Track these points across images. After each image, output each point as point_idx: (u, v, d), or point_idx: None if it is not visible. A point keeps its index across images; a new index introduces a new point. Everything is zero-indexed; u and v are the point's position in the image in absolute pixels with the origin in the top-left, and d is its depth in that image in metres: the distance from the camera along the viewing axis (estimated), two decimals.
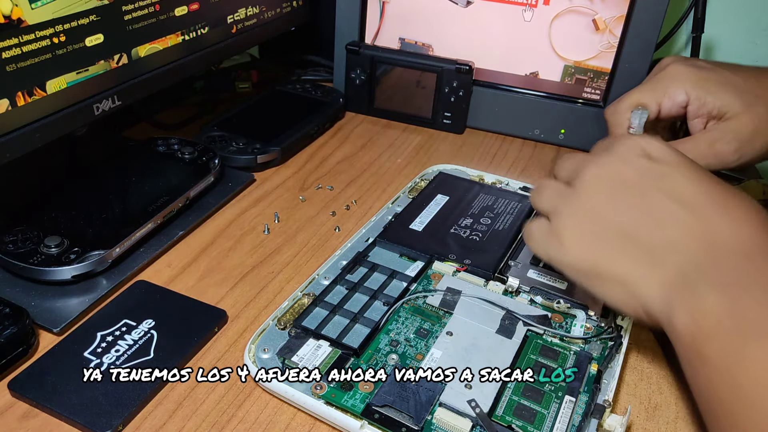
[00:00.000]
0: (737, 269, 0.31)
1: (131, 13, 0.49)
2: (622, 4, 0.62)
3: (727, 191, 0.34)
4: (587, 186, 0.37)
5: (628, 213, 0.35)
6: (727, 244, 0.32)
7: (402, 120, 0.73)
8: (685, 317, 0.31)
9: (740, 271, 0.31)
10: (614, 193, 0.36)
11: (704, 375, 0.30)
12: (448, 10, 0.68)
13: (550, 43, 0.66)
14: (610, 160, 0.37)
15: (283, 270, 0.48)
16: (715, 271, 0.31)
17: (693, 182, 0.35)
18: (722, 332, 0.29)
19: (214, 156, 0.57)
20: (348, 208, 0.56)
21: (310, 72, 0.83)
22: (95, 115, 0.47)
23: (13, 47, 0.40)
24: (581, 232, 0.36)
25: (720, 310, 0.30)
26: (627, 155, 0.37)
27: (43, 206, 0.49)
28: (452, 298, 0.42)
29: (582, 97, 0.67)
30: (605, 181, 0.36)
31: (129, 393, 0.36)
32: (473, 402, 0.34)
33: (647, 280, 0.34)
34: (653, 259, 0.34)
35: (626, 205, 0.35)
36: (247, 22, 0.63)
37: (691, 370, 0.31)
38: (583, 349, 0.39)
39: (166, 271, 0.47)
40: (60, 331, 0.41)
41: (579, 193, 0.37)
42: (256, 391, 0.38)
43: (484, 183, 0.58)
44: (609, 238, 0.35)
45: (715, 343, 0.29)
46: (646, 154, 0.36)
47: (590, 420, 0.34)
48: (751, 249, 0.32)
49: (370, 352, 0.38)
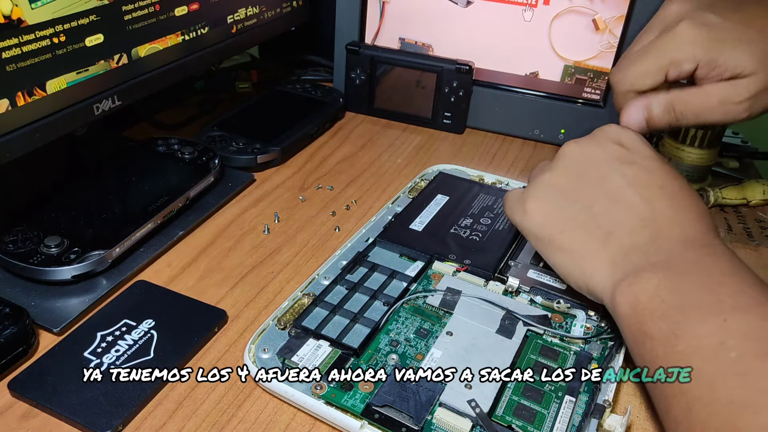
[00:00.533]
0: (675, 254, 0.34)
1: (131, 13, 0.49)
2: (622, 4, 0.62)
3: (681, 188, 0.37)
4: (560, 161, 0.41)
5: (588, 190, 0.39)
6: (669, 232, 0.35)
7: (402, 120, 0.73)
8: (628, 296, 0.34)
9: (677, 256, 0.34)
10: (581, 171, 0.39)
11: (649, 349, 0.32)
12: (448, 10, 0.68)
13: (550, 43, 0.66)
14: (586, 142, 0.41)
15: (283, 270, 0.48)
16: (656, 254, 0.35)
17: (653, 174, 0.38)
18: (663, 310, 0.32)
19: (214, 156, 0.57)
20: (348, 208, 0.56)
21: (310, 72, 0.83)
22: (95, 115, 0.47)
23: (13, 47, 0.40)
24: (543, 202, 0.40)
25: (661, 290, 0.33)
26: (602, 140, 0.40)
27: (43, 206, 0.49)
28: (452, 298, 0.42)
29: (582, 97, 0.67)
30: (576, 160, 0.40)
31: (129, 393, 0.36)
32: (473, 402, 0.34)
33: (596, 257, 0.37)
34: (605, 238, 0.37)
35: (588, 183, 0.39)
36: (247, 22, 0.63)
37: (636, 345, 0.34)
38: (583, 349, 0.39)
39: (166, 271, 0.47)
40: (60, 331, 0.41)
41: (552, 168, 0.41)
42: (256, 391, 0.38)
43: (484, 183, 0.58)
44: (568, 211, 0.39)
45: (657, 320, 0.32)
46: (620, 142, 0.40)
47: (590, 420, 0.34)
48: (689, 239, 0.35)
49: (370, 352, 0.38)
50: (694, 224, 0.35)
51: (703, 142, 0.55)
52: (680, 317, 0.31)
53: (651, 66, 0.43)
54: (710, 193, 0.57)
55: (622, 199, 0.37)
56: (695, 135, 0.55)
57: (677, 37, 0.42)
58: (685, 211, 0.36)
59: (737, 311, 0.30)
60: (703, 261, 0.33)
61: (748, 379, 0.28)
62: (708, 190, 0.58)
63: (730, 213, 0.58)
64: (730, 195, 0.58)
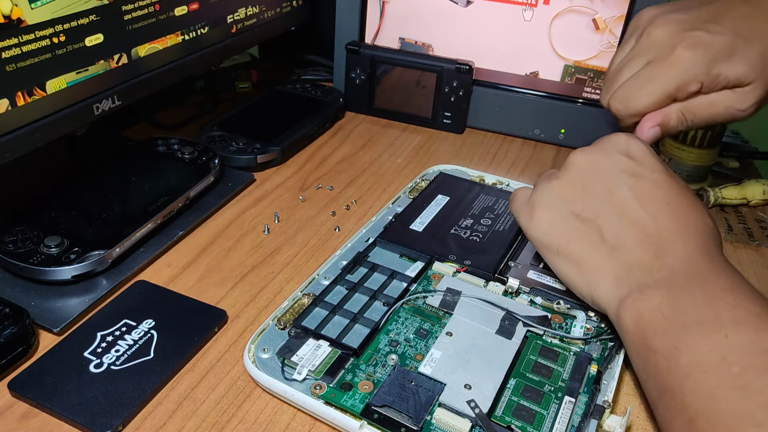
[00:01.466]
0: (677, 271, 0.34)
1: (131, 12, 0.49)
2: (622, 3, 0.62)
3: (687, 203, 0.37)
4: (568, 170, 0.40)
5: (595, 202, 0.38)
6: (672, 249, 0.35)
7: (402, 120, 0.73)
8: (632, 311, 0.34)
9: (679, 273, 0.34)
10: (588, 181, 0.39)
11: (652, 362, 0.33)
12: (448, 10, 0.68)
13: (550, 42, 0.66)
14: (594, 151, 0.40)
15: (283, 270, 0.48)
16: (659, 272, 0.35)
17: (660, 188, 0.37)
18: (666, 325, 0.32)
19: (214, 156, 0.57)
20: (348, 208, 0.56)
21: (310, 72, 0.83)
22: (95, 115, 0.47)
23: (13, 47, 0.40)
24: (550, 211, 0.40)
25: (663, 306, 0.33)
26: (611, 151, 0.40)
27: (43, 206, 0.49)
28: (452, 299, 0.42)
29: (582, 96, 0.67)
30: (583, 170, 0.40)
31: (129, 393, 0.36)
32: (473, 402, 0.34)
33: (601, 270, 0.37)
34: (610, 252, 0.37)
35: (595, 194, 0.39)
36: (247, 22, 0.63)
37: (639, 358, 0.34)
38: (583, 349, 0.39)
39: (166, 271, 0.47)
40: (60, 331, 0.41)
41: (559, 176, 0.41)
42: (256, 391, 0.38)
43: (485, 183, 0.58)
44: (574, 222, 0.39)
45: (660, 335, 0.33)
46: (628, 153, 0.39)
47: (590, 420, 0.34)
48: (692, 255, 0.35)
49: (370, 352, 0.38)
50: (697, 240, 0.36)
51: (703, 142, 0.55)
52: (682, 333, 0.32)
53: (659, 96, 0.43)
54: (710, 193, 0.57)
55: (628, 212, 0.37)
56: (695, 135, 0.55)
57: (678, 63, 0.42)
58: (689, 227, 0.36)
59: (737, 326, 0.30)
60: (705, 276, 0.34)
61: (750, 393, 0.28)
62: (708, 190, 0.58)
63: (730, 213, 0.58)
64: (730, 195, 0.58)
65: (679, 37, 0.43)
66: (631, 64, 0.45)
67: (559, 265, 0.40)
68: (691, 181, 0.58)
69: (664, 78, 0.43)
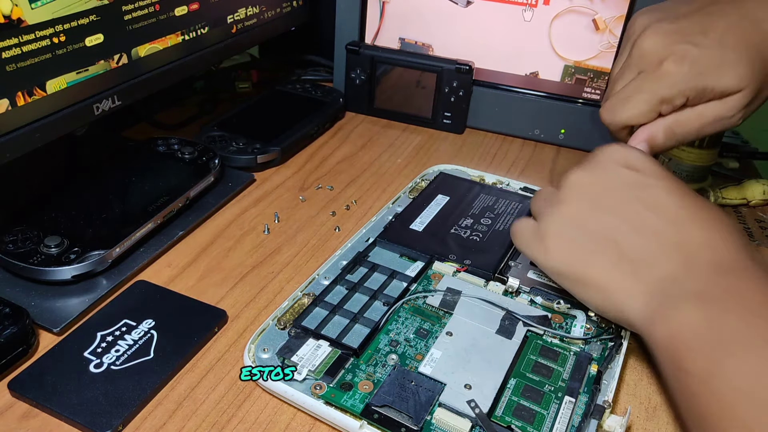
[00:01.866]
0: (710, 282, 0.33)
1: (131, 13, 0.49)
2: (622, 4, 0.62)
3: (704, 206, 0.36)
4: (571, 191, 0.39)
5: (610, 222, 0.37)
6: (701, 257, 0.34)
7: (402, 120, 0.73)
8: (664, 330, 0.33)
9: (713, 284, 0.32)
10: (597, 201, 0.37)
11: (686, 385, 0.31)
12: (448, 10, 0.68)
13: (550, 43, 0.66)
14: (593, 167, 0.39)
15: (283, 270, 0.48)
16: (691, 283, 0.33)
17: (673, 195, 0.36)
18: (701, 345, 0.31)
19: (214, 156, 0.57)
20: (348, 208, 0.56)
21: (310, 72, 0.83)
22: (95, 115, 0.47)
23: (13, 47, 0.40)
24: (563, 238, 0.38)
25: (697, 323, 0.31)
26: (609, 165, 0.39)
27: (43, 206, 0.49)
28: (452, 299, 0.42)
29: (582, 97, 0.67)
30: (588, 188, 0.38)
31: (129, 393, 0.36)
32: (473, 402, 0.34)
33: (628, 291, 0.35)
34: (634, 269, 0.35)
35: (608, 214, 0.37)
36: (247, 22, 0.63)
37: (672, 380, 0.32)
38: (583, 349, 0.39)
39: (166, 271, 0.47)
40: (60, 331, 0.41)
41: (562, 199, 0.39)
42: (256, 391, 0.38)
43: (485, 183, 0.58)
44: (590, 245, 0.37)
45: (694, 356, 0.31)
46: (627, 164, 0.38)
47: (590, 421, 0.34)
48: (723, 262, 0.33)
49: (370, 352, 0.38)
50: (725, 244, 0.34)
51: (703, 143, 0.55)
52: (717, 354, 0.30)
53: (643, 108, 0.43)
54: (710, 193, 0.57)
55: (644, 225, 0.36)
56: None
57: (664, 77, 0.42)
58: (713, 230, 0.34)
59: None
60: (739, 288, 0.32)
61: None
62: (708, 191, 0.58)
63: (730, 213, 0.58)
64: (730, 195, 0.58)
65: (667, 51, 0.42)
66: (625, 74, 0.45)
67: (584, 292, 0.38)
68: (691, 181, 0.58)
69: (650, 91, 0.43)
